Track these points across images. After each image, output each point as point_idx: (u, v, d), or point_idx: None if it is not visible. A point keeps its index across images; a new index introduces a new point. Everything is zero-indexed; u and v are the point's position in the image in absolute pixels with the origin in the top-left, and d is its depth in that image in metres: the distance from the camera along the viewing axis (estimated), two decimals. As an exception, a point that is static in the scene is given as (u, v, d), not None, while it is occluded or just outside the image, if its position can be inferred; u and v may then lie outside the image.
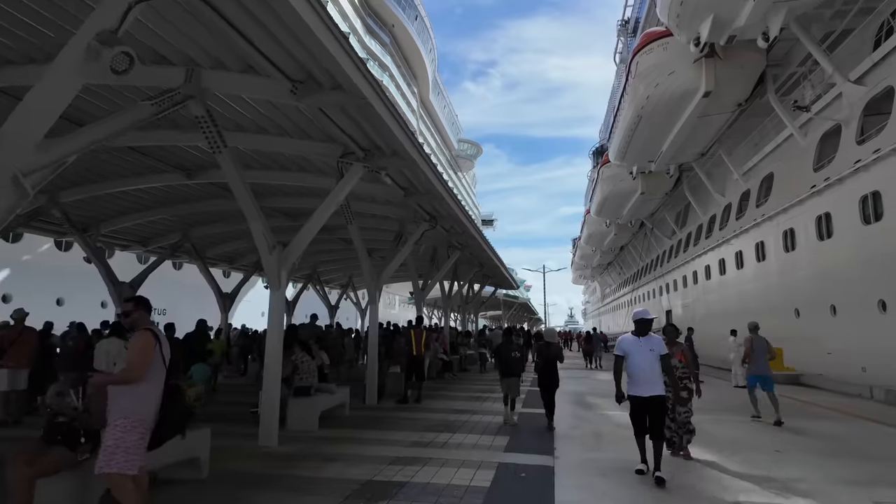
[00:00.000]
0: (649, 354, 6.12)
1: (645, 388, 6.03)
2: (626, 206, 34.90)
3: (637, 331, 6.32)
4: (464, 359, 20.16)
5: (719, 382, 17.52)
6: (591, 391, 14.17)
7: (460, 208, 11.33)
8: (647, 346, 6.17)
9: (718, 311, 26.86)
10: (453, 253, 15.30)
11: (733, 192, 25.52)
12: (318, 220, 7.76)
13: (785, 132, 20.71)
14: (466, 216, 12.06)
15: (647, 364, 6.09)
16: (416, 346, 11.33)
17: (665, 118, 22.15)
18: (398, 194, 9.95)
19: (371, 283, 11.22)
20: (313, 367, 8.86)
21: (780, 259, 20.64)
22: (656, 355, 6.13)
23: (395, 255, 11.55)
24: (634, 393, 6.11)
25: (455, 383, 15.65)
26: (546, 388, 9.24)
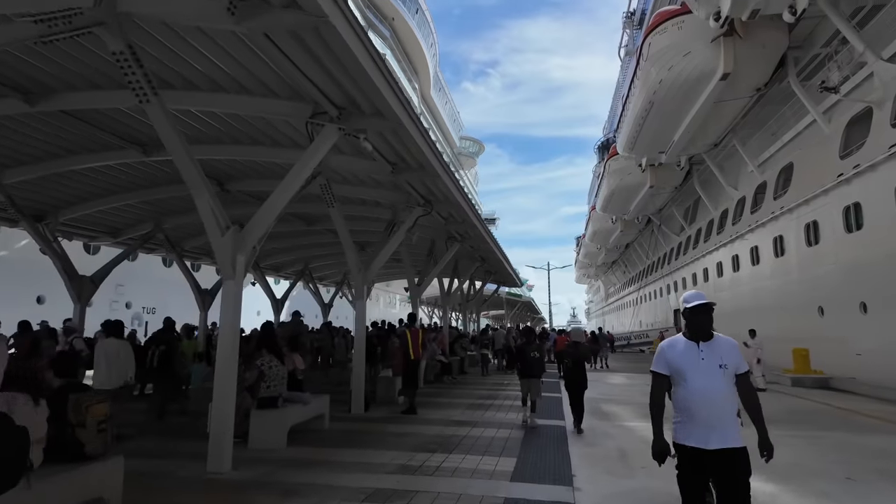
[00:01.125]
0: (717, 373, 3.31)
1: (709, 435, 3.26)
2: (634, 201, 33.34)
3: (691, 329, 3.47)
4: (464, 361, 18.66)
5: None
6: (606, 397, 12.65)
7: (459, 190, 9.86)
8: (711, 356, 3.37)
9: (731, 310, 25.30)
10: (452, 245, 13.83)
11: (748, 185, 24.02)
12: (283, 194, 6.30)
13: (806, 119, 19.22)
14: (466, 200, 10.57)
15: (716, 389, 3.31)
16: (413, 348, 9.82)
17: (678, 104, 20.61)
18: (385, 170, 8.43)
19: (358, 276, 9.73)
20: (282, 373, 7.39)
21: (802, 254, 19.12)
22: (730, 374, 3.35)
23: (384, 245, 10.06)
24: (689, 442, 3.33)
25: (454, 388, 14.16)
26: (574, 389, 8.67)
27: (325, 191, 8.69)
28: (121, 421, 6.28)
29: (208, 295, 15.20)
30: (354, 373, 9.74)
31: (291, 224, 14.07)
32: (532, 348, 9.20)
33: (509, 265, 19.57)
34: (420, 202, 10.17)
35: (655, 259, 40.55)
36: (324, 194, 8.75)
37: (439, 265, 13.82)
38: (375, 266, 9.96)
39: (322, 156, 6.46)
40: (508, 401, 11.76)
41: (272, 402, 6.96)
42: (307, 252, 18.44)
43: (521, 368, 9.13)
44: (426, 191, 10.04)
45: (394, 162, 8.35)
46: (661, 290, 38.42)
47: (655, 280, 40.06)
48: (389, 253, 10.17)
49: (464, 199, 10.36)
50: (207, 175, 6.60)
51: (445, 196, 10.07)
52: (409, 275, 13.57)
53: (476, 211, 11.59)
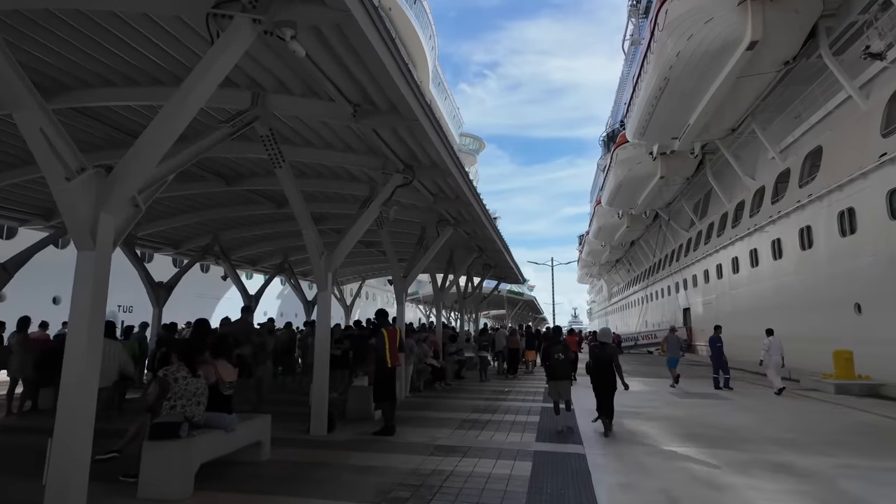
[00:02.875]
0: None
1: None
2: (643, 194, 31.10)
3: None
4: (463, 365, 16.46)
5: (760, 391, 13.77)
6: (627, 409, 10.42)
7: (449, 151, 7.68)
8: None
9: (748, 309, 23.24)
10: (444, 230, 11.70)
11: (767, 174, 21.87)
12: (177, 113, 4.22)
13: (838, 96, 17.09)
14: (459, 168, 8.39)
15: None
16: (389, 353, 7.65)
17: (697, 81, 18.42)
18: (345, 113, 6.27)
19: (319, 261, 7.58)
20: (198, 388, 5.24)
21: (835, 245, 16.95)
22: None
23: (354, 223, 7.92)
24: None
25: (447, 397, 11.97)
26: (602, 392, 8.17)
27: (267, 144, 6.60)
28: None
29: (164, 289, 13.11)
30: (315, 383, 7.57)
31: (260, 206, 12.02)
32: (556, 349, 8.58)
33: (510, 257, 17.35)
34: (399, 167, 8.03)
35: (663, 256, 38.35)
36: (267, 148, 6.66)
37: (429, 253, 11.64)
38: (342, 250, 7.81)
39: (231, 63, 4.31)
40: (510, 415, 9.59)
41: (171, 431, 4.80)
42: (286, 242, 16.34)
43: (548, 372, 8.57)
44: (406, 152, 7.88)
45: (356, 103, 6.17)
46: (670, 288, 36.22)
47: (663, 278, 37.85)
48: (360, 233, 8.01)
49: (456, 166, 8.22)
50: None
51: (432, 159, 7.93)
52: (393, 266, 11.41)
53: (472, 185, 9.47)
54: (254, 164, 9.82)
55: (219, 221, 13.66)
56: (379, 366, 7.64)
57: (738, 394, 13.41)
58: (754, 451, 7.00)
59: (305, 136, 8.01)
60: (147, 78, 6.56)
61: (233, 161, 9.65)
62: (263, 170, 10.08)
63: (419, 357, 12.63)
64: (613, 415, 8.18)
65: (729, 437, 7.86)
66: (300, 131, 7.88)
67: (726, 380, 14.64)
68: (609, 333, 9.14)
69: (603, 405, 8.14)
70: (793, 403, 12.01)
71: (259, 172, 10.20)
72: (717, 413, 10.30)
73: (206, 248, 14.79)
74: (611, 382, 8.13)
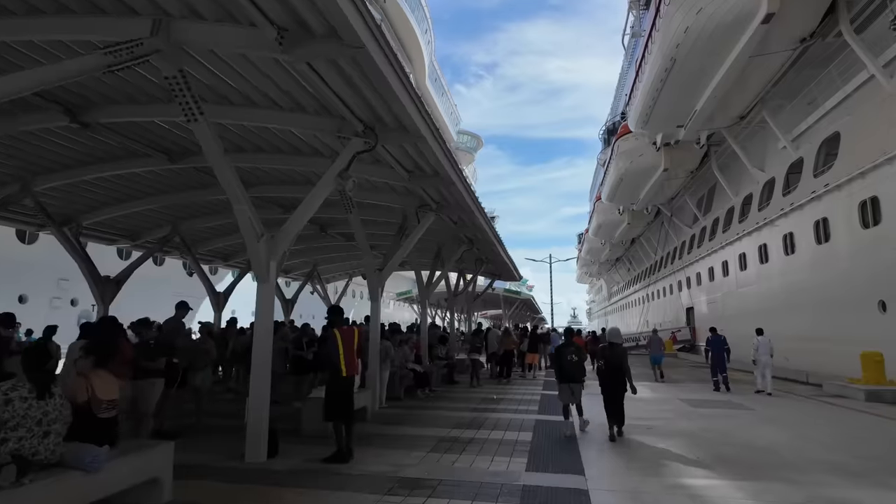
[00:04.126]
0: None
1: None
2: (645, 188, 29.46)
3: None
4: (452, 368, 14.86)
5: (778, 397, 12.16)
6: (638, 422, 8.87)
7: (421, 111, 6.07)
8: None
9: (756, 308, 21.67)
10: (426, 216, 10.16)
11: (778, 164, 20.34)
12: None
13: (859, 77, 15.57)
14: (436, 136, 6.76)
15: None
16: (343, 359, 6.09)
17: (706, 60, 16.84)
18: (268, 40, 4.63)
19: (257, 247, 6.00)
20: (46, 413, 3.68)
21: (855, 238, 15.43)
22: None
23: (303, 203, 6.35)
24: None
25: (428, 406, 10.39)
26: (611, 395, 7.79)
27: (177, 89, 5.12)
28: None
29: (113, 284, 11.58)
30: (252, 395, 6.02)
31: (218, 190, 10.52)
32: (569, 351, 8.12)
33: (502, 249, 15.70)
34: (358, 129, 6.48)
35: (665, 254, 36.79)
36: (176, 94, 5.16)
37: (408, 242, 10.08)
38: (288, 232, 6.26)
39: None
40: (498, 431, 8.02)
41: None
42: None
43: (559, 374, 8.11)
44: (366, 110, 6.27)
45: (282, 26, 4.57)
46: (673, 286, 34.65)
47: (665, 276, 36.27)
48: (311, 210, 6.44)
49: (430, 129, 6.62)
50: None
51: (398, 119, 6.35)
52: (366, 256, 9.82)
53: (452, 157, 7.88)
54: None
55: (176, 209, 12.09)
56: (331, 375, 6.08)
57: (759, 402, 11.85)
58: (804, 481, 5.46)
59: (246, 92, 6.44)
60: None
61: (176, 134, 8.12)
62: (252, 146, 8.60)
63: (400, 361, 11.08)
64: (624, 420, 7.76)
65: (766, 461, 6.31)
66: (239, 86, 6.31)
67: (724, 378, 14.12)
68: (619, 333, 8.54)
69: (613, 410, 7.74)
70: (823, 413, 10.46)
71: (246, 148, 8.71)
72: (742, 427, 8.74)
73: (164, 239, 13.22)
74: (621, 386, 7.74)
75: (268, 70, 5.79)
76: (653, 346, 17.68)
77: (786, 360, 19.06)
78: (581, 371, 8.15)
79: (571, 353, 8.11)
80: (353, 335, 6.25)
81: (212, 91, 6.58)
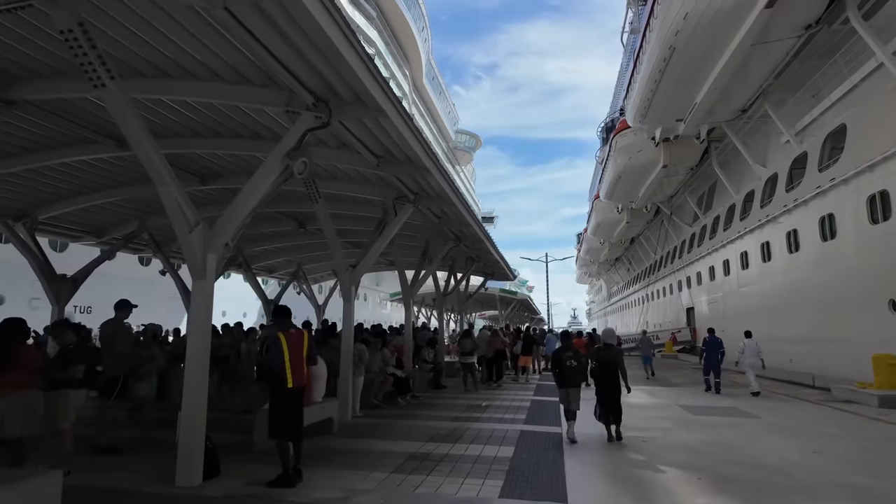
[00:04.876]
0: None
1: None
2: (644, 185, 28.56)
3: None
4: (439, 372, 13.99)
5: (782, 402, 11.25)
6: (632, 433, 8.04)
7: (374, 74, 5.24)
8: None
9: (759, 307, 20.83)
10: (404, 208, 9.31)
11: (781, 159, 19.47)
12: None
13: (866, 66, 14.73)
14: (394, 102, 5.91)
15: None
16: (289, 367, 5.23)
17: (706, 49, 15.99)
18: None
19: (188, 237, 5.13)
20: None
21: (863, 235, 14.58)
22: None
23: (250, 184, 5.50)
24: None
25: (407, 416, 9.49)
26: (606, 398, 7.64)
27: (72, 41, 4.25)
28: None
29: (69, 283, 10.76)
30: (185, 409, 5.18)
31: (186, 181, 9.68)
32: (568, 355, 7.90)
33: (492, 245, 14.78)
34: (308, 102, 5.63)
35: (665, 253, 35.91)
36: (72, 47, 4.29)
37: (383, 236, 9.23)
38: (230, 220, 5.42)
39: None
40: (477, 445, 7.16)
41: None
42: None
43: (558, 379, 7.90)
44: (317, 80, 5.39)
45: None
46: (672, 286, 33.76)
47: (665, 276, 35.38)
48: (255, 195, 5.57)
49: (392, 103, 5.76)
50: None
51: (354, 91, 5.48)
52: (335, 252, 8.92)
53: (423, 139, 7.00)
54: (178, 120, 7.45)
55: (142, 202, 11.16)
56: (274, 386, 5.23)
57: (764, 408, 10.96)
58: (824, 513, 4.61)
59: (177, 58, 5.54)
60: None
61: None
62: (189, 130, 7.70)
63: (378, 365, 10.24)
64: (621, 416, 7.64)
65: (777, 484, 5.45)
66: (170, 53, 5.42)
67: (717, 384, 13.80)
68: (613, 334, 8.45)
69: (609, 410, 7.65)
70: (834, 421, 9.59)
71: (183, 133, 7.83)
72: (747, 438, 7.88)
73: (131, 235, 12.36)
74: (616, 387, 7.68)
75: (195, 30, 4.90)
76: (643, 347, 19.41)
77: (790, 362, 18.26)
78: (580, 375, 7.97)
79: (570, 358, 7.87)
80: (302, 340, 5.39)
81: (146, 62, 5.75)
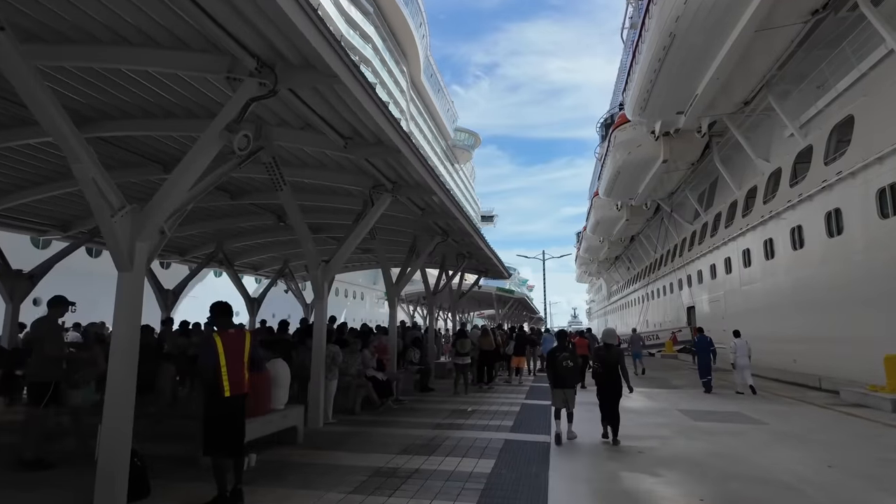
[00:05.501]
0: None
1: None
2: (643, 181, 27.76)
3: None
4: (426, 374, 13.24)
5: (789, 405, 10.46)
6: (626, 442, 7.32)
7: (326, 36, 4.51)
8: None
9: (762, 306, 20.10)
10: (381, 197, 8.57)
11: (785, 153, 18.72)
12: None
13: (876, 53, 14.02)
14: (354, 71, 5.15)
15: None
16: (225, 373, 4.51)
17: (707, 36, 15.23)
18: None
19: (111, 225, 4.41)
20: None
21: (873, 229, 13.85)
22: None
23: (182, 161, 4.77)
24: None
25: (384, 423, 8.71)
26: (607, 398, 7.45)
27: None
28: None
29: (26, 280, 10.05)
30: (107, 417, 4.44)
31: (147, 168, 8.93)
32: (564, 355, 7.79)
33: (482, 241, 14.02)
34: (251, 68, 4.87)
35: (665, 252, 35.13)
36: None
37: (358, 229, 8.47)
38: (160, 207, 4.69)
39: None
40: (453, 457, 6.41)
41: None
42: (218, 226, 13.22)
43: (554, 379, 7.78)
44: (259, 43, 4.63)
45: None
46: (673, 285, 32.99)
47: (665, 275, 34.61)
48: (192, 175, 4.66)
49: (350, 71, 5.02)
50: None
51: (301, 53, 4.70)
52: (305, 246, 8.15)
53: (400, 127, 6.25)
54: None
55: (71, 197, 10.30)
56: (208, 395, 4.51)
57: (771, 413, 10.21)
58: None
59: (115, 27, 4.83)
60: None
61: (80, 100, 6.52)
62: (139, 109, 6.93)
63: (356, 368, 9.51)
64: (619, 423, 7.47)
65: None
66: (108, 20, 4.71)
67: (708, 381, 13.92)
68: (614, 335, 8.23)
69: (608, 413, 7.52)
70: (846, 428, 8.84)
71: (116, 115, 7.07)
72: (754, 449, 7.12)
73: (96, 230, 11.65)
74: (617, 388, 7.57)
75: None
76: (633, 344, 20.56)
77: (794, 362, 17.52)
78: (575, 376, 7.83)
79: (566, 358, 7.73)
80: (243, 341, 4.66)
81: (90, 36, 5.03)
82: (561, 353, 7.80)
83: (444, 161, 69.12)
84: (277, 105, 6.40)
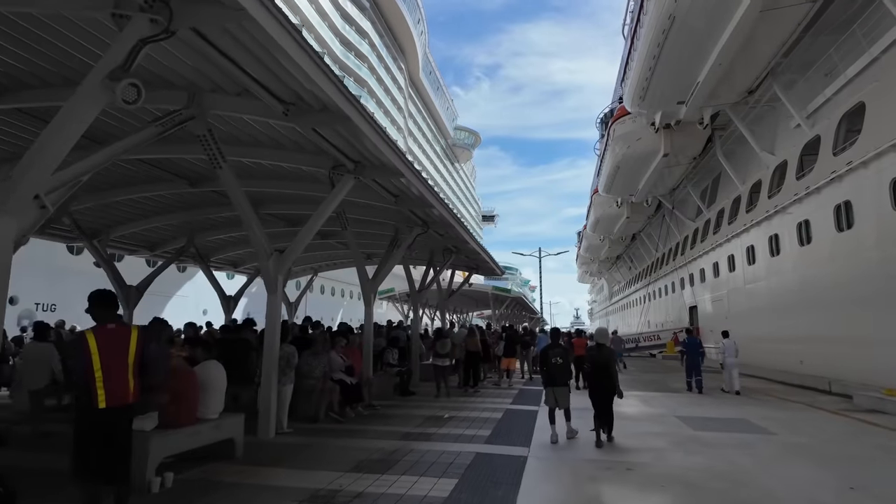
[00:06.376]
0: None
1: None
2: (644, 176, 26.72)
3: None
4: (406, 376, 12.26)
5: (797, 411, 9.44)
6: (617, 458, 6.37)
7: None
8: None
9: (767, 305, 19.10)
10: (342, 180, 7.61)
11: (791, 145, 17.74)
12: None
13: (889, 35, 13.11)
14: (282, 18, 4.27)
15: None
16: (102, 379, 3.51)
17: (709, 17, 14.25)
18: None
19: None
20: None
21: (887, 222, 12.89)
22: None
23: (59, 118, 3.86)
24: None
25: (345, 433, 7.69)
26: (599, 399, 7.27)
27: None
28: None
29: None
30: None
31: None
32: (555, 353, 7.61)
33: (466, 232, 12.97)
34: (143, 1, 3.89)
35: (666, 250, 34.10)
36: None
37: (316, 217, 7.54)
38: (30, 164, 3.77)
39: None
40: (410, 475, 5.45)
41: None
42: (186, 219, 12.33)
43: (545, 377, 7.61)
44: None
45: None
46: (675, 284, 31.95)
47: (667, 274, 33.57)
48: (68, 133, 3.83)
49: (272, 15, 4.12)
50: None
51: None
52: (253, 235, 7.17)
53: (346, 89, 5.33)
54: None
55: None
56: (78, 406, 3.59)
57: (775, 420, 9.22)
58: None
59: None
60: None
61: None
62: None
63: (321, 370, 8.56)
64: (613, 424, 7.37)
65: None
66: None
67: (698, 381, 13.90)
68: (606, 334, 8.13)
69: (601, 414, 7.34)
70: (864, 439, 7.84)
71: None
72: (761, 464, 6.14)
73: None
74: (609, 387, 7.33)
75: None
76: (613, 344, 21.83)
77: (800, 364, 16.57)
78: (565, 374, 7.70)
79: (557, 355, 7.59)
80: (127, 339, 3.73)
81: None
82: (553, 350, 7.66)
83: (444, 160, 68.05)
84: (208, 66, 5.47)
